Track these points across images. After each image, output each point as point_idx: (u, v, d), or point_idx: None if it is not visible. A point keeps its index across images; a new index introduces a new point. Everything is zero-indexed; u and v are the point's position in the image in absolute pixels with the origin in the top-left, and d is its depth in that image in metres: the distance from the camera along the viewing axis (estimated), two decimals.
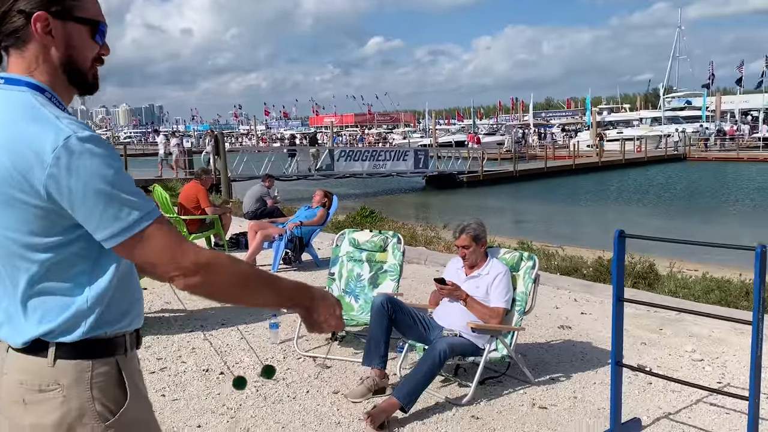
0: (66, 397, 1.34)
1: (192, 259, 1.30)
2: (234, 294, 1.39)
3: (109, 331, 1.39)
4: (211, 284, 1.33)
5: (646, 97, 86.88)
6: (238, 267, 1.38)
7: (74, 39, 1.38)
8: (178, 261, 1.30)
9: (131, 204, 1.27)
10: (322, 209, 8.05)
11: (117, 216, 1.26)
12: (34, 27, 1.34)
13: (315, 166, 25.41)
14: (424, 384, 3.59)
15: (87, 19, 1.40)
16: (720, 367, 4.36)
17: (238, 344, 4.83)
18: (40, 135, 1.25)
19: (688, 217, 19.47)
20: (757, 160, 35.36)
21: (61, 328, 1.34)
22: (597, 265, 7.74)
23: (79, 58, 1.40)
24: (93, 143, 1.26)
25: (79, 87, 1.44)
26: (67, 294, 1.34)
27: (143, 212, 1.28)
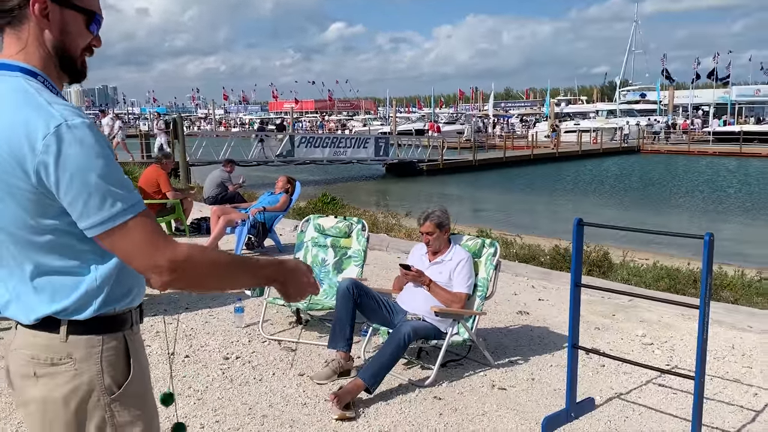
0: (78, 370, 1.39)
1: (169, 257, 1.31)
2: (211, 284, 1.43)
3: (117, 308, 1.44)
4: (188, 279, 1.36)
5: (603, 90, 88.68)
6: (213, 258, 1.40)
7: (69, 25, 1.41)
8: (156, 258, 1.30)
9: (115, 195, 1.29)
10: (285, 195, 8.06)
11: (100, 206, 1.28)
12: (32, 8, 1.36)
13: (276, 152, 25.23)
14: (388, 366, 3.68)
15: (83, 9, 1.43)
16: (668, 351, 4.58)
17: (203, 328, 4.84)
18: (32, 122, 1.27)
19: (641, 208, 20.07)
20: (706, 153, 36.56)
21: (73, 307, 1.38)
22: (554, 253, 7.98)
23: (71, 45, 1.43)
24: (83, 131, 1.28)
25: (69, 74, 1.46)
26: (76, 273, 1.38)
27: (127, 204, 1.30)
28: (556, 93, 74.32)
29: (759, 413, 3.58)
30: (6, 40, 1.40)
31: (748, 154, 34.79)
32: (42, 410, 1.40)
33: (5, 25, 1.39)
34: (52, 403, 1.39)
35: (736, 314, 5.28)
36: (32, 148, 1.26)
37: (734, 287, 6.73)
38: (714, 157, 35.25)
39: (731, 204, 20.65)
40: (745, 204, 20.47)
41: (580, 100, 73.31)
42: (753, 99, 50.07)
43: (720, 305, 5.59)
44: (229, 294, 5.77)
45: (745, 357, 4.44)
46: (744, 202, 20.94)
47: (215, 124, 67.68)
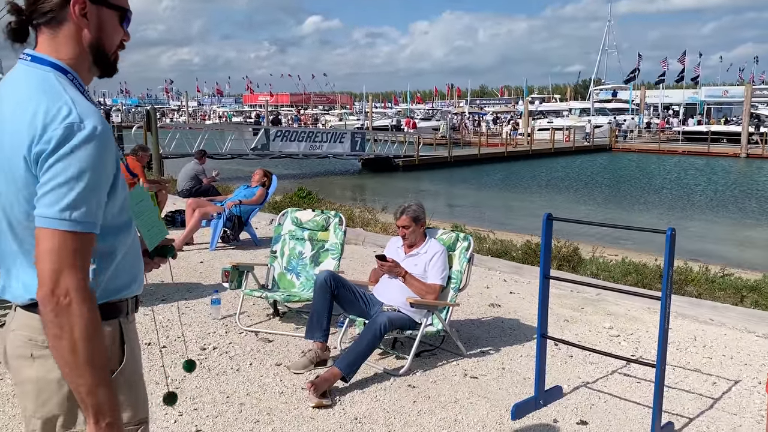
0: None
1: (68, 284, 1.30)
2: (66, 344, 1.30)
3: (114, 298, 1.50)
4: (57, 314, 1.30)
5: (576, 89, 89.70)
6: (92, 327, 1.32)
7: (106, 23, 1.48)
8: (57, 275, 1.29)
9: (78, 204, 1.31)
10: (262, 188, 8.09)
11: (53, 203, 1.30)
12: (73, 9, 1.42)
13: (251, 145, 25.10)
14: (364, 356, 3.78)
15: (118, 6, 1.50)
16: (634, 342, 4.75)
17: (179, 319, 4.89)
18: (51, 113, 1.33)
19: (611, 205, 20.45)
20: (676, 152, 37.28)
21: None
22: (526, 248, 8.15)
23: (107, 42, 1.50)
24: (90, 139, 1.33)
25: (102, 69, 1.53)
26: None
27: (79, 218, 1.31)
28: (530, 91, 75.00)
29: (717, 401, 3.75)
30: (42, 37, 1.46)
31: (715, 154, 35.59)
32: (36, 390, 1.45)
33: (43, 24, 1.45)
34: (46, 384, 1.44)
35: (699, 308, 5.48)
36: (41, 137, 1.32)
37: (698, 282, 6.95)
38: (683, 156, 35.98)
39: (698, 202, 21.14)
40: (712, 202, 20.99)
41: (554, 99, 74.07)
42: (721, 99, 51.12)
43: (684, 299, 5.79)
44: (206, 286, 5.81)
45: (706, 348, 4.63)
46: (710, 200, 21.46)
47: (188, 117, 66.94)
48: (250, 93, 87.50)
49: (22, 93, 1.39)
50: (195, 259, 7.01)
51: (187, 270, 6.51)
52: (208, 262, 6.92)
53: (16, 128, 1.34)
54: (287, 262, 5.22)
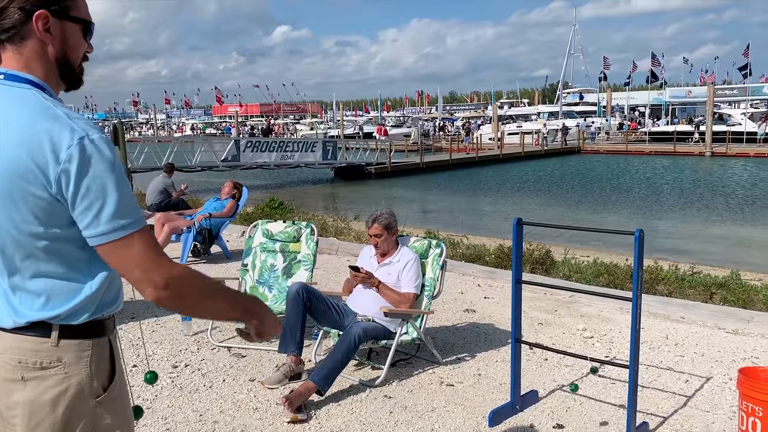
0: (67, 374, 1.41)
1: (165, 274, 1.38)
2: (198, 309, 1.53)
3: (105, 313, 1.48)
4: (179, 298, 1.42)
5: (544, 92, 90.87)
6: (206, 283, 1.48)
7: (70, 37, 1.46)
8: (152, 273, 1.37)
9: (124, 209, 1.35)
10: (232, 201, 8.02)
11: (111, 218, 1.34)
12: (36, 25, 1.39)
13: (221, 157, 24.89)
14: (339, 368, 3.74)
15: (81, 19, 1.47)
16: (608, 343, 4.79)
17: (150, 337, 4.79)
18: (55, 132, 1.32)
19: (582, 207, 20.69)
20: (643, 153, 37.95)
21: (68, 313, 1.42)
22: (498, 252, 8.18)
23: (73, 55, 1.48)
24: (102, 146, 1.35)
25: (68, 82, 1.51)
26: (73, 280, 1.42)
27: (132, 219, 1.36)
28: (498, 96, 75.76)
29: (690, 398, 3.79)
30: (6, 54, 1.42)
31: (681, 153, 36.31)
32: (29, 413, 1.41)
33: (5, 41, 1.41)
34: (39, 407, 1.40)
35: (670, 306, 5.55)
36: (56, 157, 1.31)
37: (668, 281, 7.05)
38: (650, 157, 36.63)
39: (666, 201, 21.51)
40: (679, 201, 21.37)
41: (522, 103, 74.92)
42: (685, 100, 52.23)
43: (655, 298, 5.86)
44: None
45: (678, 346, 4.68)
46: (678, 199, 21.85)
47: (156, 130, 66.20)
48: (220, 104, 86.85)
49: (12, 114, 1.36)
50: None
51: None
52: None
53: (15, 154, 1.32)
54: (259, 275, 5.16)
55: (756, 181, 26.17)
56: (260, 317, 1.60)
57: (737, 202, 20.94)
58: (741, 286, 6.77)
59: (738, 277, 7.31)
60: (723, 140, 35.58)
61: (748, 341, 4.77)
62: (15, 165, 1.33)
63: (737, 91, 49.62)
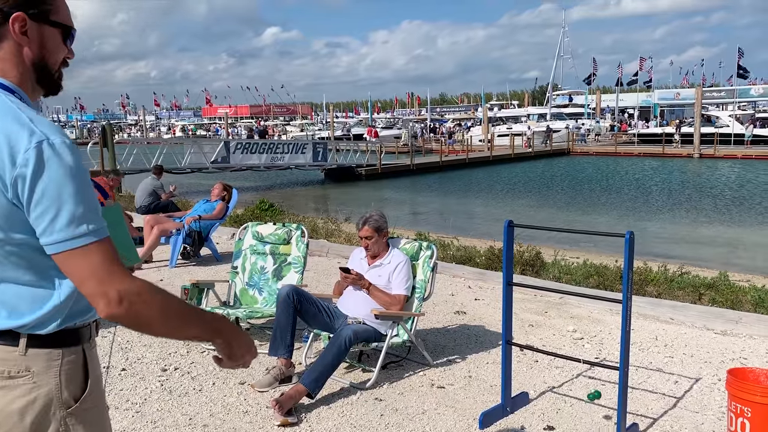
0: (36, 383, 1.38)
1: (120, 288, 1.30)
2: (157, 327, 1.39)
3: (78, 322, 1.44)
4: (134, 316, 1.33)
5: (533, 94, 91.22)
6: (168, 301, 1.39)
7: (48, 41, 1.43)
8: (107, 287, 1.30)
9: (83, 217, 1.29)
10: (222, 203, 7.98)
11: (66, 225, 1.28)
12: (12, 27, 1.37)
13: (210, 158, 24.77)
14: (330, 370, 3.73)
15: (60, 24, 1.45)
16: (598, 344, 4.80)
17: (139, 340, 4.76)
18: (14, 136, 1.29)
19: (572, 209, 20.76)
20: (632, 154, 38.15)
21: (35, 323, 1.38)
22: (489, 254, 8.19)
23: (50, 60, 1.45)
24: (63, 151, 1.30)
25: (46, 87, 1.48)
26: (39, 288, 1.38)
27: (91, 228, 1.30)
28: (488, 98, 75.95)
29: (679, 399, 3.81)
30: None
31: (670, 155, 36.54)
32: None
33: None
34: (7, 416, 1.38)
35: (659, 308, 5.57)
36: (13, 161, 1.28)
37: (657, 282, 7.08)
38: (639, 158, 36.83)
39: (655, 202, 21.63)
40: (668, 203, 21.49)
41: (512, 105, 75.14)
42: (673, 102, 52.58)
43: (644, 299, 5.89)
44: None
45: (667, 347, 4.70)
46: (667, 200, 21.98)
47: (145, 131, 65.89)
48: (210, 106, 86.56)
49: None
50: (154, 278, 6.85)
51: None
52: (168, 279, 6.77)
53: None
54: (249, 278, 5.14)
55: (743, 182, 26.37)
56: (229, 338, 1.51)
57: (725, 203, 21.10)
58: (729, 287, 6.81)
59: (726, 278, 7.36)
60: (711, 142, 35.84)
61: (736, 342, 4.80)
62: None
63: (725, 93, 50.03)
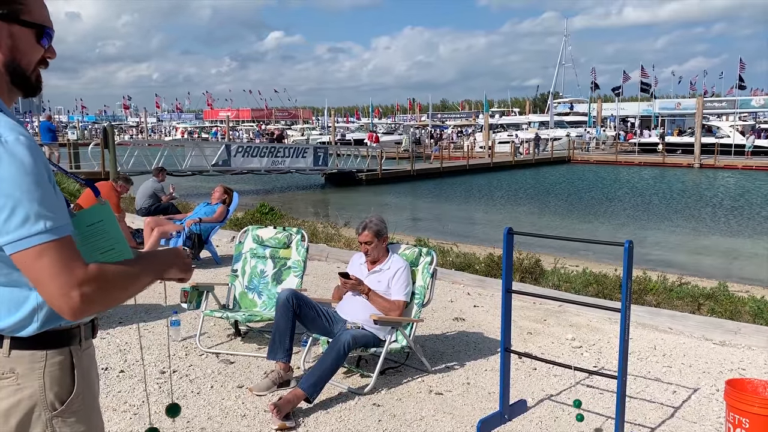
0: (20, 385, 1.38)
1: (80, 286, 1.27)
2: (121, 299, 1.41)
3: (63, 323, 1.42)
4: (99, 308, 1.34)
5: (535, 102, 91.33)
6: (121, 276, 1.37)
7: (19, 42, 1.40)
8: (67, 289, 1.26)
9: (38, 215, 1.25)
10: (222, 206, 7.98)
11: (20, 224, 1.24)
12: None
13: (211, 161, 24.79)
14: (328, 375, 3.73)
15: (33, 23, 1.42)
16: (596, 353, 4.80)
17: (138, 342, 4.75)
18: None
19: (572, 217, 20.76)
20: (632, 163, 38.18)
21: (14, 327, 1.37)
22: (488, 261, 8.19)
23: (23, 61, 1.42)
24: (16, 148, 1.26)
25: (22, 89, 1.46)
26: (15, 289, 1.36)
27: (48, 226, 1.26)
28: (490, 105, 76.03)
29: (677, 409, 3.80)
30: None
31: (670, 164, 36.56)
32: None
33: None
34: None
35: (658, 317, 5.57)
36: None
37: (657, 292, 7.09)
38: (639, 167, 36.86)
39: (655, 212, 21.63)
40: (668, 212, 21.49)
41: (513, 112, 75.24)
42: (674, 111, 52.63)
43: (643, 309, 5.89)
44: (165, 307, 5.67)
45: (665, 357, 4.70)
46: (667, 210, 21.98)
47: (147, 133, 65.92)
48: (211, 109, 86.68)
49: None
50: None
51: (145, 291, 6.33)
52: (167, 282, 6.76)
53: None
54: (249, 281, 5.14)
55: (743, 192, 26.39)
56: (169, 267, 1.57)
57: (725, 213, 21.10)
58: (728, 297, 6.82)
59: (725, 289, 7.37)
60: (711, 152, 35.87)
61: (735, 353, 4.80)
62: None
63: (726, 104, 50.06)
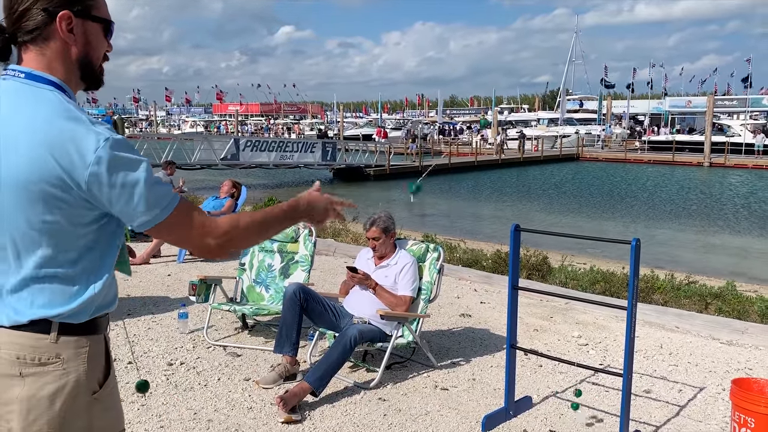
0: (65, 369, 1.43)
1: (214, 237, 1.48)
2: (257, 240, 1.63)
3: (101, 313, 1.51)
4: (234, 245, 1.53)
5: (544, 99, 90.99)
6: (249, 223, 1.54)
7: (92, 37, 1.47)
8: (204, 240, 1.48)
9: (158, 193, 1.41)
10: (231, 199, 8.02)
11: (150, 205, 1.40)
12: (59, 25, 1.40)
13: (220, 155, 24.86)
14: (334, 369, 3.75)
15: (102, 18, 1.49)
16: (602, 351, 4.80)
17: (146, 334, 4.80)
18: (80, 135, 1.35)
19: (580, 214, 20.70)
20: (641, 161, 37.99)
21: (70, 312, 1.43)
22: (496, 257, 8.19)
23: (94, 55, 1.49)
24: (125, 145, 1.39)
25: (89, 82, 1.52)
26: (75, 281, 1.44)
27: (169, 198, 1.43)
28: (499, 101, 75.82)
29: (683, 408, 3.80)
30: (29, 55, 1.43)
31: (679, 163, 36.36)
32: (27, 409, 1.41)
33: (28, 42, 1.42)
34: (37, 402, 1.41)
35: (665, 316, 5.56)
36: (83, 160, 1.34)
37: (664, 290, 7.07)
38: (648, 165, 36.67)
39: (664, 210, 21.53)
40: (677, 210, 21.39)
41: (522, 109, 74.95)
42: (684, 110, 52.29)
43: (651, 307, 5.88)
44: (173, 299, 5.72)
45: (672, 356, 4.70)
46: (675, 208, 21.88)
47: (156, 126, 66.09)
48: (220, 102, 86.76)
49: (34, 114, 1.36)
50: (162, 272, 6.90)
51: (154, 283, 6.40)
52: (175, 275, 6.81)
53: (37, 154, 1.33)
54: (256, 275, 5.17)
55: (753, 191, 26.23)
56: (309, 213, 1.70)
57: (734, 212, 20.98)
58: (736, 297, 6.79)
59: (733, 288, 7.34)
60: (722, 151, 35.65)
61: (742, 352, 4.79)
62: (37, 165, 1.34)
63: (737, 102, 49.70)
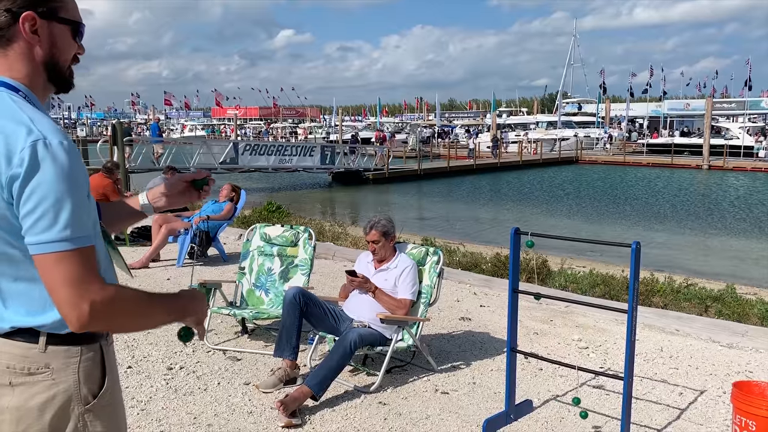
0: (55, 380, 1.39)
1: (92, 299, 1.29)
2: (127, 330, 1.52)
3: None
4: (105, 326, 1.38)
5: (543, 102, 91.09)
6: (135, 305, 1.41)
7: (58, 39, 1.43)
8: (78, 300, 1.29)
9: (67, 222, 1.28)
10: (230, 204, 8.01)
11: (49, 227, 1.27)
12: (22, 26, 1.37)
13: (219, 159, 24.84)
14: (335, 373, 3.74)
15: (69, 20, 1.45)
16: (602, 354, 4.80)
17: (145, 338, 4.78)
18: (12, 135, 1.28)
19: (580, 217, 20.72)
20: (640, 164, 38.03)
21: (53, 324, 1.38)
22: (495, 261, 8.20)
23: (61, 58, 1.45)
24: (59, 152, 1.29)
25: (57, 85, 1.48)
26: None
27: (74, 235, 1.28)
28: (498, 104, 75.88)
29: (684, 411, 3.80)
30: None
31: (679, 166, 36.40)
32: (16, 419, 1.39)
33: None
34: (27, 412, 1.39)
35: (665, 319, 5.56)
36: (9, 160, 1.27)
37: (664, 293, 7.07)
38: (647, 168, 36.70)
39: (663, 213, 21.54)
40: (676, 213, 21.40)
41: (521, 112, 75.03)
42: (683, 112, 52.35)
43: (650, 310, 5.88)
44: None
45: (672, 359, 4.69)
46: (675, 211, 21.89)
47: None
48: (219, 106, 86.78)
49: None
50: (162, 276, 6.89)
51: (153, 287, 6.39)
52: (175, 279, 6.81)
53: None
54: (256, 279, 5.16)
55: (752, 194, 26.26)
56: (193, 315, 1.59)
57: (733, 215, 21.00)
58: (736, 299, 6.80)
59: (733, 291, 7.34)
60: (720, 154, 35.68)
61: (742, 355, 4.79)
62: None
63: (735, 105, 49.76)
